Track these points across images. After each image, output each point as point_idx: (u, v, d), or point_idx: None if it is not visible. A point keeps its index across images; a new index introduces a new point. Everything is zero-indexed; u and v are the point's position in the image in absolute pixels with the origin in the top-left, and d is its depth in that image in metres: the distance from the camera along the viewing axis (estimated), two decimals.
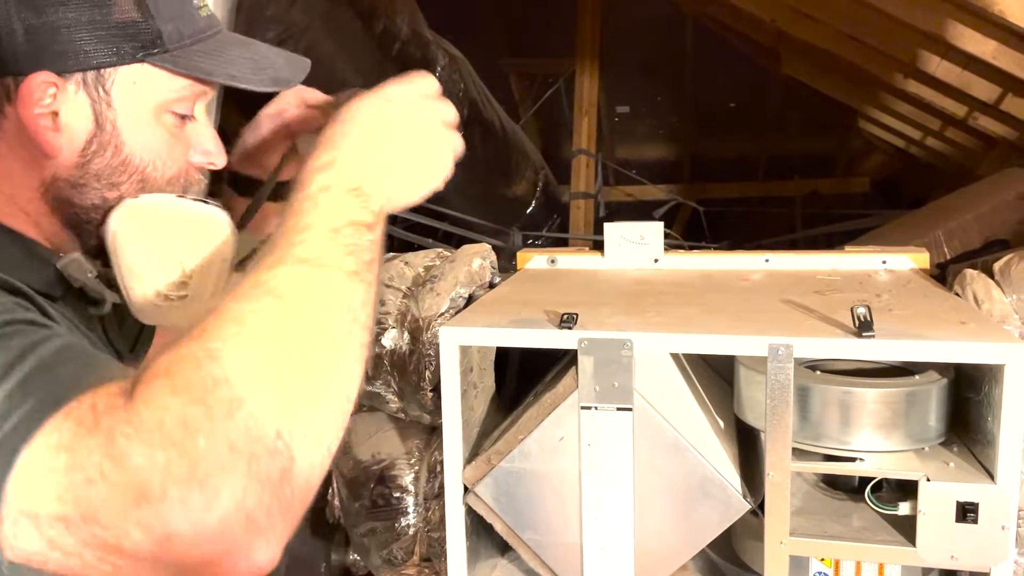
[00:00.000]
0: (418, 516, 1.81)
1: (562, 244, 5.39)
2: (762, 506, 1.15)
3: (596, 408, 1.18)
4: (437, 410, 1.38)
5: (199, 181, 0.94)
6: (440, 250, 1.81)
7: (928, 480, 1.10)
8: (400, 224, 3.75)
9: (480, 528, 1.32)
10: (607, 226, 1.60)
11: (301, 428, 0.63)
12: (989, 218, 2.84)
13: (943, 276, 1.51)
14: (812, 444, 1.16)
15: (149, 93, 0.85)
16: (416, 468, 1.81)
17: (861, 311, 1.09)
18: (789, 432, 1.11)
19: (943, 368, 1.18)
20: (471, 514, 1.29)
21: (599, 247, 1.62)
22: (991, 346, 1.05)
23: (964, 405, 1.19)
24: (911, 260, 1.51)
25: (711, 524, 1.20)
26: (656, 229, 1.58)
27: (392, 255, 1.87)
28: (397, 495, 1.79)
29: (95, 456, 0.58)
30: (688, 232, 6.35)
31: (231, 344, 0.63)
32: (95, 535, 0.58)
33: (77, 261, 0.87)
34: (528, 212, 5.32)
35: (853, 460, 1.15)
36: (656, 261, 1.58)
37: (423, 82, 0.87)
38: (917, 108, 4.24)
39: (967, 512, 1.08)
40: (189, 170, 0.91)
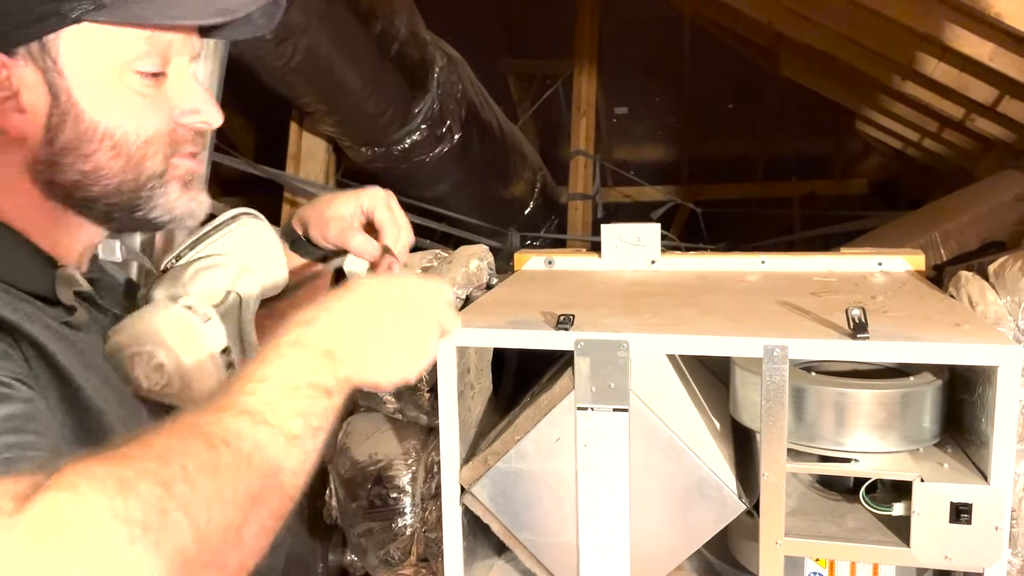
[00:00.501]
0: (415, 516, 1.81)
1: (560, 245, 5.40)
2: (757, 506, 1.16)
3: (592, 409, 1.19)
4: (434, 411, 1.39)
5: (195, 142, 0.90)
6: (438, 251, 1.81)
7: (922, 481, 1.10)
8: None
9: (477, 528, 1.32)
10: (604, 228, 1.61)
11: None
12: (986, 220, 2.85)
13: (940, 278, 1.52)
14: (807, 445, 1.17)
15: (100, 54, 0.81)
16: (413, 468, 1.81)
17: (856, 313, 1.10)
18: (784, 433, 1.12)
19: (937, 369, 1.18)
20: (468, 514, 1.30)
21: (597, 248, 1.63)
22: (985, 348, 1.05)
23: (958, 406, 1.20)
24: (907, 262, 1.51)
25: (707, 525, 1.21)
26: (653, 231, 1.59)
27: None
28: (394, 495, 1.80)
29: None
30: (686, 233, 6.37)
31: (144, 480, 0.59)
32: None
33: (64, 277, 0.86)
34: (526, 213, 5.33)
35: (848, 461, 1.16)
36: (653, 262, 1.59)
37: (440, 286, 0.91)
38: (915, 110, 4.25)
39: (961, 513, 1.09)
40: (175, 131, 0.87)
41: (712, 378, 1.43)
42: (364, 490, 1.82)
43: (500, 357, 1.46)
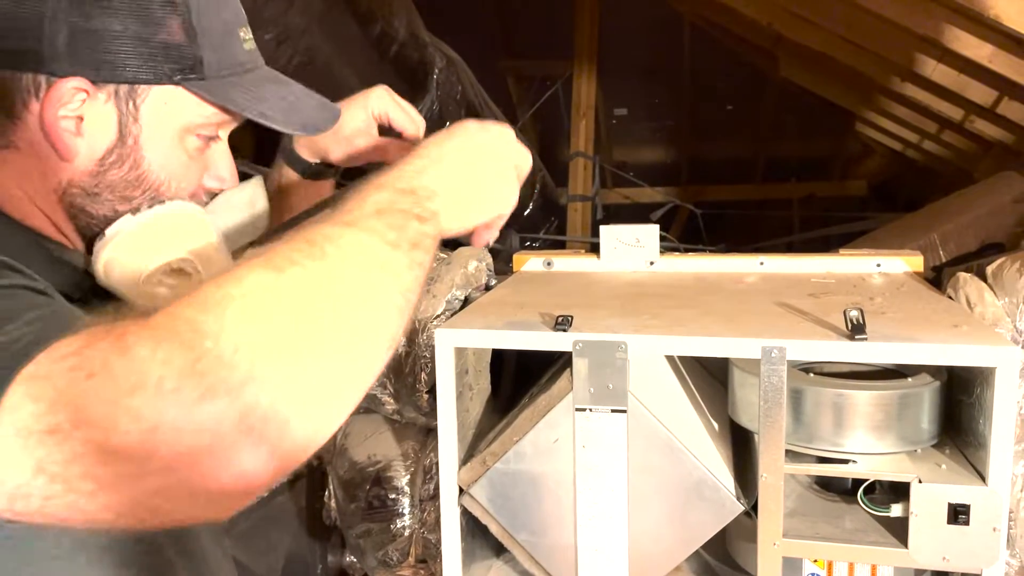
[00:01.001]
0: (414, 518, 1.81)
1: (559, 246, 5.40)
2: (755, 507, 1.16)
3: (591, 410, 1.19)
4: (433, 412, 1.39)
5: (205, 202, 0.95)
6: (436, 252, 1.81)
7: (920, 482, 1.10)
8: None
9: (475, 529, 1.32)
10: (603, 229, 1.61)
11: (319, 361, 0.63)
12: (985, 221, 2.84)
13: (938, 279, 1.52)
14: (805, 446, 1.17)
15: (177, 115, 0.85)
16: (412, 470, 1.81)
17: (854, 314, 1.10)
18: (782, 434, 1.12)
19: (935, 371, 1.18)
20: (466, 515, 1.30)
21: (596, 249, 1.63)
22: (983, 349, 1.06)
23: (956, 407, 1.20)
24: (905, 263, 1.52)
25: (705, 526, 1.21)
26: (652, 232, 1.59)
27: None
28: (393, 497, 1.80)
29: (102, 353, 0.58)
30: (685, 234, 6.36)
31: (254, 274, 0.64)
32: (84, 439, 0.56)
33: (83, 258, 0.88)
34: (525, 214, 5.32)
35: (846, 462, 1.16)
36: (652, 264, 1.59)
37: (507, 129, 0.93)
38: (914, 111, 4.25)
39: (959, 514, 1.09)
40: (199, 192, 0.92)
41: (710, 379, 1.43)
42: (363, 491, 1.82)
43: (499, 358, 1.46)
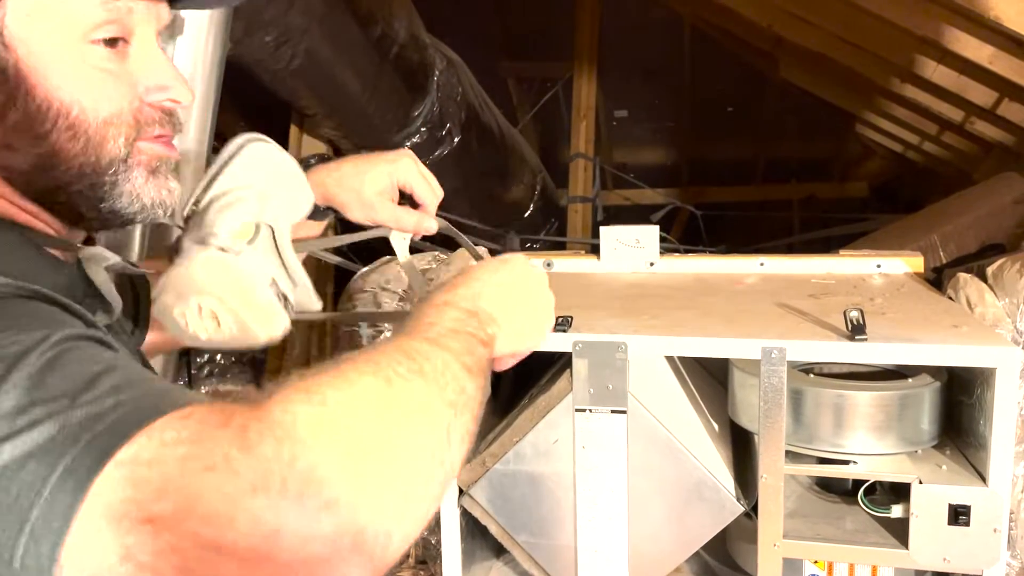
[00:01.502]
0: None
1: (560, 248, 5.40)
2: (756, 508, 1.16)
3: (590, 411, 1.19)
4: None
5: (164, 123, 0.82)
6: (437, 253, 1.82)
7: (921, 483, 1.10)
8: None
9: (475, 530, 1.32)
10: (603, 230, 1.61)
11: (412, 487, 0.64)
12: (985, 222, 2.85)
13: (939, 280, 1.52)
14: (805, 447, 1.17)
15: (52, 23, 0.73)
16: None
17: (854, 314, 1.10)
18: (782, 435, 1.12)
19: (936, 371, 1.18)
20: (466, 516, 1.30)
21: (596, 251, 1.63)
22: (983, 349, 1.06)
23: (957, 408, 1.20)
24: (905, 264, 1.51)
25: (705, 526, 1.21)
26: (652, 233, 1.59)
27: (388, 258, 1.87)
28: None
29: (222, 446, 0.55)
30: (686, 236, 6.36)
31: (365, 380, 0.65)
32: (190, 534, 0.53)
33: (91, 256, 0.81)
34: (526, 216, 5.32)
35: (846, 463, 1.16)
36: (652, 265, 1.59)
37: (525, 260, 0.98)
38: (914, 112, 4.25)
39: (959, 514, 1.09)
40: (141, 111, 0.79)
41: (711, 380, 1.43)
42: None
43: None
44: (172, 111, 0.83)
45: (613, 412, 1.18)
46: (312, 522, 0.55)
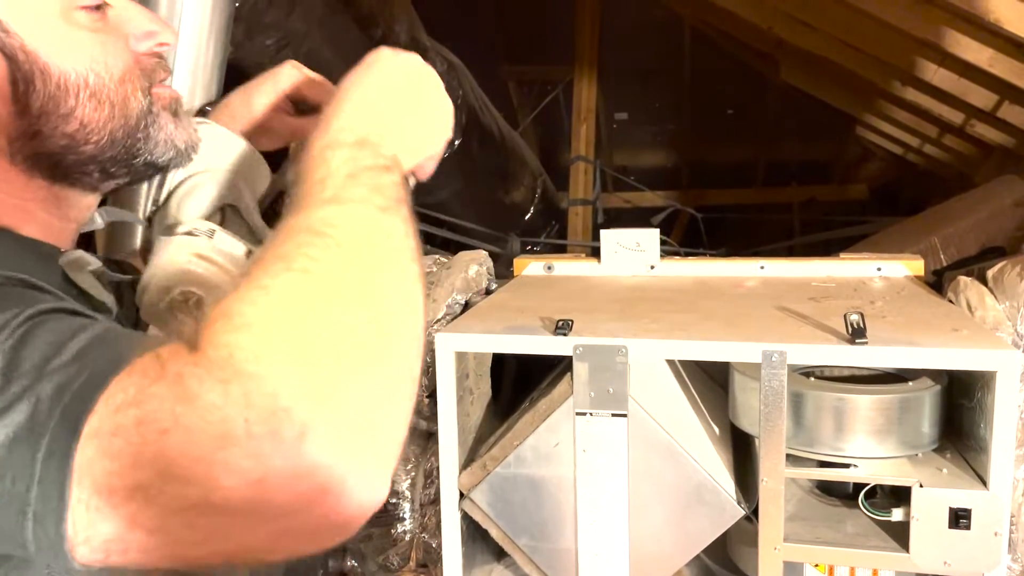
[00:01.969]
0: (414, 522, 1.81)
1: (560, 250, 5.40)
2: (756, 512, 1.16)
3: (591, 414, 1.19)
4: (433, 416, 1.39)
5: (161, 69, 0.83)
6: (437, 256, 1.81)
7: (921, 486, 1.10)
8: None
9: (476, 534, 1.32)
10: (603, 233, 1.61)
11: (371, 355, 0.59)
12: (985, 225, 2.85)
13: (939, 283, 1.52)
14: (806, 450, 1.17)
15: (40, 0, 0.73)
16: (412, 474, 1.81)
17: (854, 318, 1.10)
18: (783, 438, 1.12)
19: (936, 375, 1.18)
20: (467, 520, 1.30)
21: (597, 254, 1.63)
22: (983, 353, 1.05)
23: (957, 411, 1.20)
24: (906, 267, 1.51)
25: (705, 530, 1.20)
26: (652, 236, 1.59)
27: None
28: (393, 501, 1.80)
29: (166, 403, 0.53)
30: (686, 238, 6.37)
31: (280, 280, 0.59)
32: (179, 496, 0.53)
33: (72, 262, 0.80)
34: (526, 218, 5.33)
35: (847, 466, 1.16)
36: (652, 268, 1.59)
37: (388, 52, 0.84)
38: (915, 115, 4.26)
39: (960, 518, 1.08)
40: (140, 60, 0.80)
41: (711, 383, 1.43)
42: None
43: (499, 362, 1.46)
44: (162, 54, 0.83)
45: (614, 415, 1.18)
46: (294, 455, 0.53)
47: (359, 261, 0.63)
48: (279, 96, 1.03)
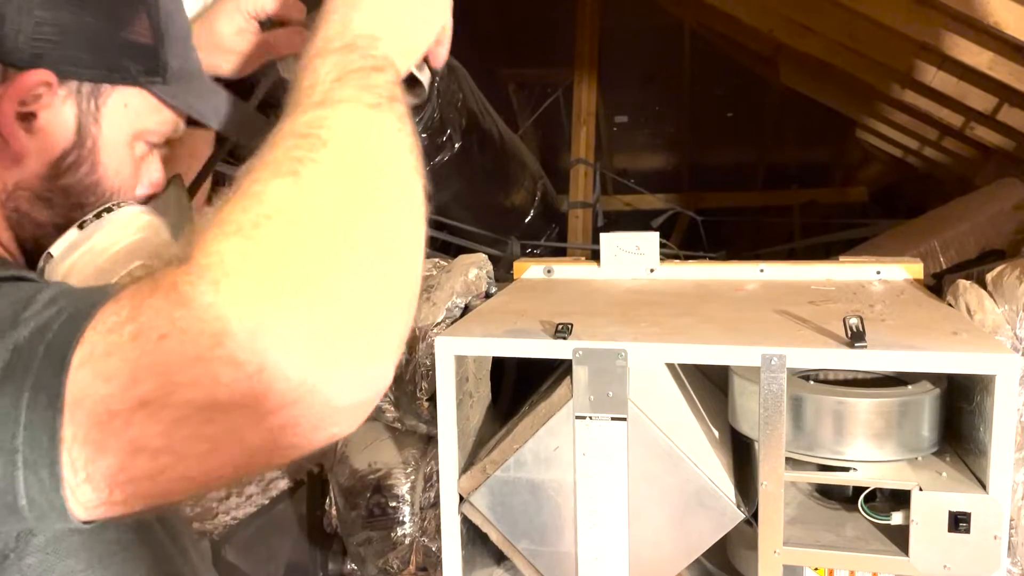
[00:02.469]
0: (414, 526, 1.81)
1: (560, 253, 5.40)
2: (756, 515, 1.16)
3: (591, 418, 1.19)
4: (433, 420, 1.39)
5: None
6: (437, 260, 1.82)
7: (921, 490, 1.10)
8: None
9: (476, 537, 1.32)
10: (603, 236, 1.61)
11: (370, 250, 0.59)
12: (985, 228, 2.85)
13: (939, 286, 1.52)
14: (806, 454, 1.17)
15: (135, 119, 0.81)
16: (412, 478, 1.81)
17: (853, 321, 1.10)
18: (782, 442, 1.12)
19: (936, 378, 1.18)
20: (467, 523, 1.30)
21: (596, 257, 1.63)
22: (982, 356, 1.06)
23: (957, 415, 1.20)
24: (905, 271, 1.52)
25: (705, 533, 1.20)
26: (652, 239, 1.59)
27: None
28: (393, 504, 1.80)
29: (163, 311, 0.54)
30: (686, 241, 6.36)
31: (271, 186, 0.59)
32: (182, 403, 0.53)
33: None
34: (526, 221, 5.33)
35: (846, 470, 1.16)
36: (652, 271, 1.59)
37: None
38: (914, 118, 4.26)
39: (959, 522, 1.09)
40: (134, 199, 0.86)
41: (711, 387, 1.43)
42: (363, 499, 1.81)
43: (499, 366, 1.46)
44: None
45: (613, 419, 1.18)
46: (293, 342, 0.54)
47: (348, 159, 0.63)
48: (243, 17, 1.00)
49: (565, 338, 1.18)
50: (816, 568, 1.19)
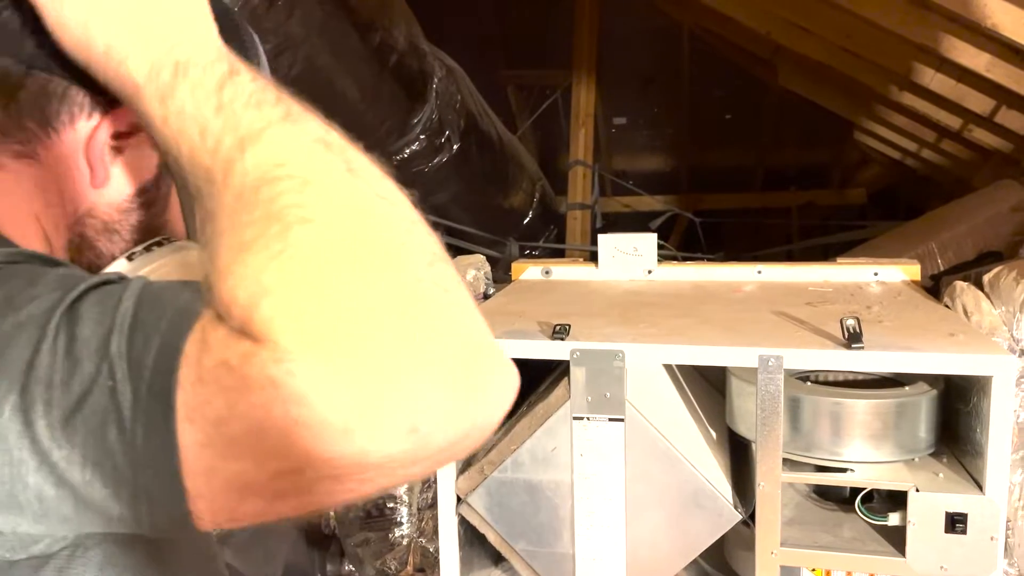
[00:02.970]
0: (412, 526, 1.81)
1: (559, 255, 5.40)
2: (753, 516, 1.16)
3: (588, 419, 1.19)
4: None
5: None
6: None
7: (917, 491, 1.10)
8: None
9: (473, 538, 1.32)
10: (601, 238, 1.61)
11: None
12: (983, 230, 2.85)
13: (937, 288, 1.52)
14: (803, 455, 1.17)
15: None
16: None
17: (850, 323, 1.10)
18: (780, 443, 1.12)
19: (933, 379, 1.19)
20: (464, 524, 1.30)
21: (595, 258, 1.63)
22: (979, 358, 1.06)
23: (953, 416, 1.20)
24: (902, 272, 1.52)
25: (703, 534, 1.21)
26: (650, 241, 1.59)
27: None
28: (391, 505, 1.80)
29: (262, 402, 0.50)
30: (685, 243, 6.37)
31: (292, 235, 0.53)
32: (280, 471, 0.51)
33: None
34: (525, 223, 5.33)
35: (844, 471, 1.16)
36: (650, 272, 1.59)
37: None
38: (912, 120, 4.26)
39: (956, 523, 1.09)
40: None
41: (708, 388, 1.43)
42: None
43: None
44: None
45: (611, 420, 1.18)
46: (377, 406, 0.49)
47: (338, 209, 0.55)
48: None
49: (563, 339, 1.19)
50: (813, 569, 1.20)
